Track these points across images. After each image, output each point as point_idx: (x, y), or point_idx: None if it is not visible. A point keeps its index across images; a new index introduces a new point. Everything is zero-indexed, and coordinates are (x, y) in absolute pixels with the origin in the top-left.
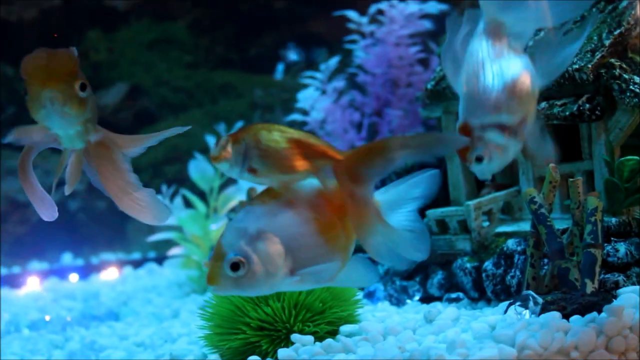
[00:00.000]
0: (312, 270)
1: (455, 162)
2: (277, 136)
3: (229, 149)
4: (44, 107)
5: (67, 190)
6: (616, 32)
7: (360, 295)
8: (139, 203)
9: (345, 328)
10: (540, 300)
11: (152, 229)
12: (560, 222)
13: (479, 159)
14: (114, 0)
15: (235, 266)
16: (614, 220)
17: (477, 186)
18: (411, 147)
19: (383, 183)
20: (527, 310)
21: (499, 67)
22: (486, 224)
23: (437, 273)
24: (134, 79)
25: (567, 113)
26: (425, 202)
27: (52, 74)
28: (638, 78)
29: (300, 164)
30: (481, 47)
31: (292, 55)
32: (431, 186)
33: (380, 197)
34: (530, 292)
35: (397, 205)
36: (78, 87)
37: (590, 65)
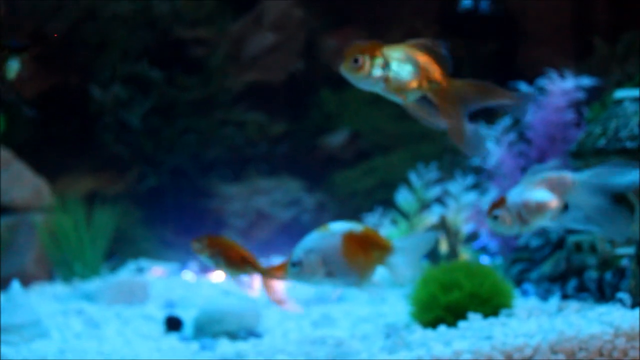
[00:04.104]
0: (339, 277)
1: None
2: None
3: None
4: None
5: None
6: None
7: (517, 291)
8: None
9: (503, 310)
10: (635, 298)
11: None
12: None
13: (495, 217)
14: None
15: (293, 265)
16: None
17: None
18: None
19: None
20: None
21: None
22: (608, 246)
23: (573, 279)
24: (355, 126)
25: None
26: (424, 255)
27: None
28: None
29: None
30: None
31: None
32: (429, 244)
33: (397, 243)
34: (628, 293)
35: (406, 253)
36: None
37: None
